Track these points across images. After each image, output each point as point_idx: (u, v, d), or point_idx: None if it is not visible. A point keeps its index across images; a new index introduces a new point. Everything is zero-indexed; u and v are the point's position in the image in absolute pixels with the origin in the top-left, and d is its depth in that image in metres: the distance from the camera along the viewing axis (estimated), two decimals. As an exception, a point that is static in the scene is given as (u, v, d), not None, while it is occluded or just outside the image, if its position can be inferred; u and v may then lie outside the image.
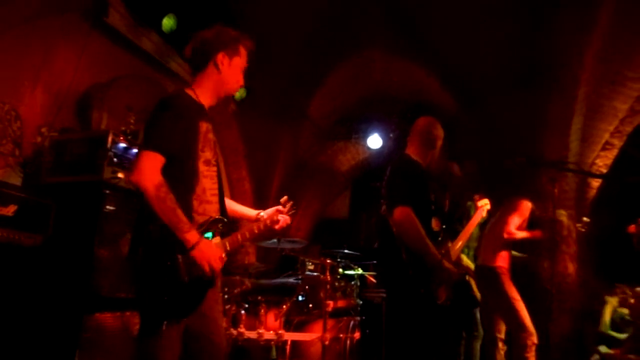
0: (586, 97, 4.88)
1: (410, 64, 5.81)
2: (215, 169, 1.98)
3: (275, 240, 4.17)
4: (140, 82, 4.42)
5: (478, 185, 5.38)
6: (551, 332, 3.45)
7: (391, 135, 6.51)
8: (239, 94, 5.64)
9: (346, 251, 4.64)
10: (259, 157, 6.39)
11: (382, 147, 6.68)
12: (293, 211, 2.33)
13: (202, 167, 1.90)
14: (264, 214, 2.26)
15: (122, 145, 3.35)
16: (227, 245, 1.96)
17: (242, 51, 2.06)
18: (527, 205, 3.60)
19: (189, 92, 1.96)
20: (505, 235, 3.48)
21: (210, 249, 1.81)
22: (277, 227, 2.28)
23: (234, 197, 6.46)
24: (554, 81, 4.84)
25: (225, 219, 1.99)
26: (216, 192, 1.98)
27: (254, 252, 6.20)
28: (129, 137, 3.45)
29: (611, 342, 4.15)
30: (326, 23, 5.54)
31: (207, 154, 1.93)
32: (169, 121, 1.82)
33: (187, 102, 1.92)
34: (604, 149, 5.17)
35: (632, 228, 3.53)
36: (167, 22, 4.28)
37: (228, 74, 2.00)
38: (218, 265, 1.84)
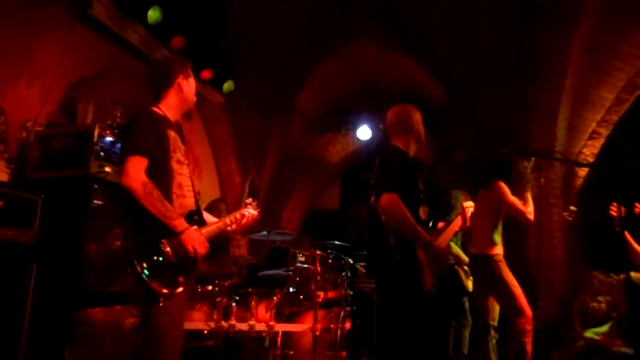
0: (573, 87, 4.92)
1: (398, 56, 5.81)
2: (187, 169, 2.27)
3: (265, 232, 4.17)
4: (127, 76, 4.37)
5: (467, 174, 5.43)
6: (537, 319, 3.50)
7: (380, 126, 6.51)
8: (228, 86, 5.60)
9: (336, 242, 4.65)
10: (248, 150, 6.37)
11: (372, 138, 6.69)
12: (258, 209, 2.58)
13: (175, 166, 2.18)
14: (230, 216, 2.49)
15: (109, 139, 3.32)
16: (205, 234, 2.20)
17: (191, 72, 2.40)
18: (505, 186, 3.59)
19: (155, 109, 2.26)
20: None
21: (196, 235, 2.08)
22: (244, 221, 2.50)
23: (223, 190, 6.46)
24: (542, 71, 4.87)
25: (199, 211, 2.27)
26: (191, 188, 2.27)
27: (245, 244, 6.21)
28: (116, 131, 3.41)
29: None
30: (315, 15, 5.52)
31: (179, 155, 2.22)
32: (144, 128, 2.12)
33: (155, 114, 2.23)
34: (590, 138, 5.23)
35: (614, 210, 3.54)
36: (153, 14, 4.23)
37: (188, 92, 2.35)
38: (202, 251, 2.10)
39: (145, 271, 1.95)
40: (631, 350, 3.76)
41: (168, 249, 2.00)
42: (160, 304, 1.99)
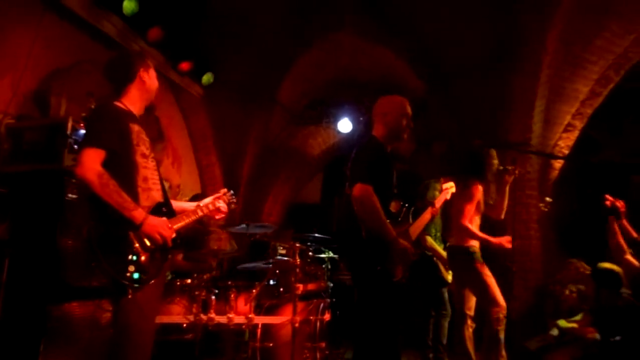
0: (549, 80, 4.99)
1: (378, 47, 5.81)
2: (153, 162, 2.25)
3: (244, 225, 4.16)
4: (102, 68, 4.28)
5: (447, 165, 5.48)
6: (512, 308, 3.58)
7: (361, 119, 6.54)
8: (207, 78, 5.54)
9: (317, 235, 4.67)
10: (228, 143, 6.32)
11: (353, 131, 6.70)
12: (234, 200, 2.59)
13: (139, 160, 2.16)
14: (202, 204, 2.47)
15: (83, 131, 3.25)
16: (173, 225, 2.17)
17: (150, 63, 2.39)
18: (480, 190, 3.65)
19: (117, 103, 2.23)
20: (463, 227, 3.53)
21: (157, 221, 2.05)
22: (216, 215, 2.51)
23: (203, 183, 6.41)
24: (518, 64, 4.93)
25: (168, 203, 2.24)
26: (157, 180, 2.24)
27: (224, 237, 6.17)
28: (90, 124, 3.35)
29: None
30: (295, 6, 5.48)
31: (143, 149, 2.19)
32: (104, 121, 2.10)
33: (117, 108, 2.20)
34: (565, 130, 5.32)
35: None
36: (129, 5, 4.15)
37: (151, 84, 2.34)
38: (168, 234, 2.07)
39: (135, 274, 1.94)
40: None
41: (137, 244, 1.99)
42: (129, 297, 1.96)
